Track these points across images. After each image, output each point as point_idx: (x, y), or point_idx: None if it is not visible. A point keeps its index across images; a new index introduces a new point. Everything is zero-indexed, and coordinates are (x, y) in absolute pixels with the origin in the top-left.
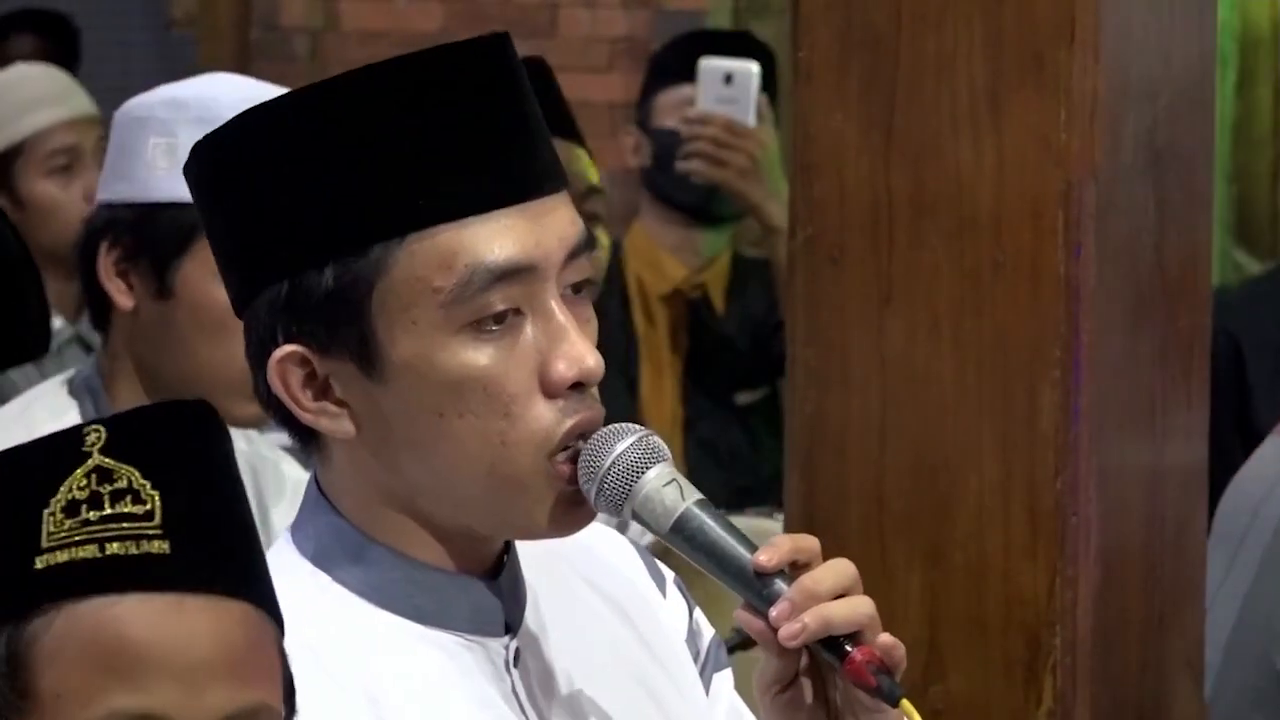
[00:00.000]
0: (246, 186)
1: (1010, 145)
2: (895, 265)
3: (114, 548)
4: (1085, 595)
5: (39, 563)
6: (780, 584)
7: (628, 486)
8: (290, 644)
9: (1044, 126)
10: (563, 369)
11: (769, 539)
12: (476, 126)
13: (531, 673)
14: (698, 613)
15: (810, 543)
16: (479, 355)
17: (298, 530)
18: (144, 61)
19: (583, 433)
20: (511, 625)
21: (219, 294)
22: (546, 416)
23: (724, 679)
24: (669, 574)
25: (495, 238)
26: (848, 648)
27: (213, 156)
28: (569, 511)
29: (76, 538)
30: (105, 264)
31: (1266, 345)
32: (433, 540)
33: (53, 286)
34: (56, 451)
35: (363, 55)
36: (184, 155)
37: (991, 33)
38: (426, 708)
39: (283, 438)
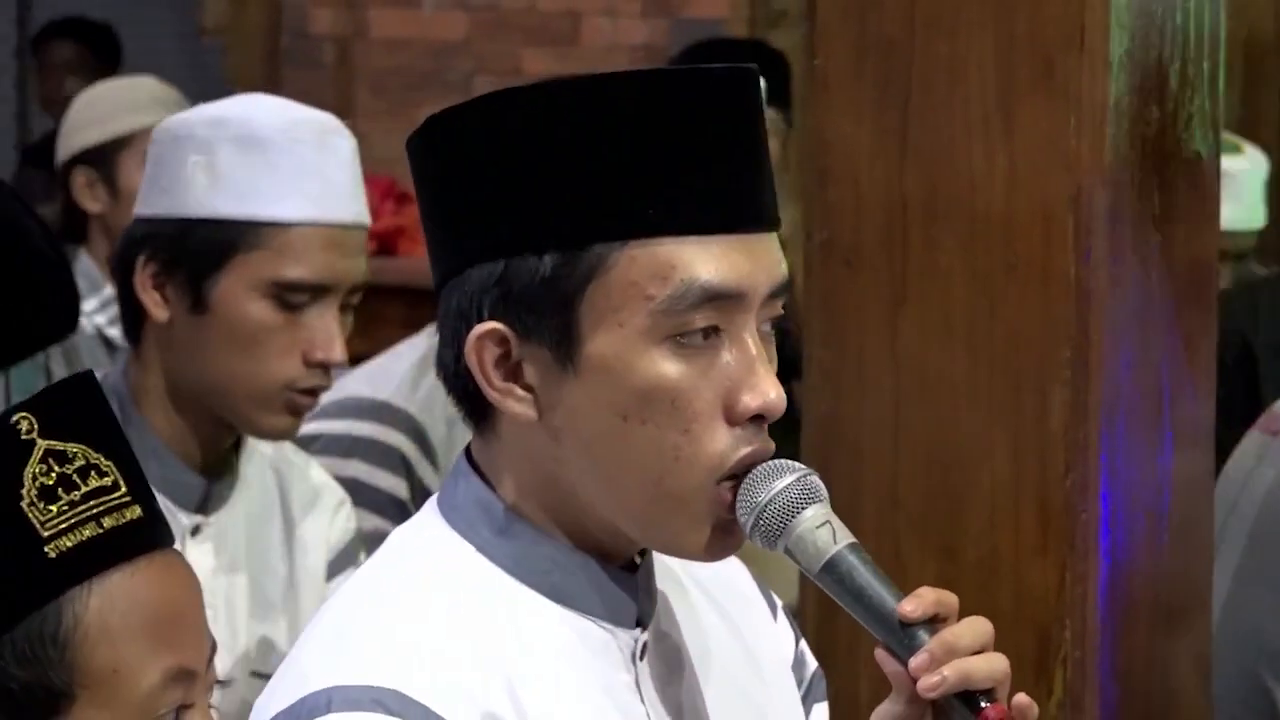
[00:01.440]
0: (482, 162)
1: (1021, 151)
2: (909, 268)
3: (108, 521)
4: (1094, 591)
5: (50, 551)
6: (922, 634)
7: (784, 523)
8: (434, 608)
9: (1055, 132)
10: (748, 400)
11: (915, 591)
12: (716, 152)
13: (654, 668)
14: (803, 644)
15: (951, 599)
16: (674, 368)
17: (443, 501)
18: (176, 68)
19: (751, 464)
20: (642, 620)
21: (253, 310)
22: (723, 441)
23: (822, 710)
24: (778, 601)
25: (712, 260)
26: (982, 703)
27: (453, 126)
28: (720, 539)
29: (74, 520)
30: (142, 276)
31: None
32: (581, 528)
33: None
34: None
35: (389, 62)
36: (222, 173)
37: (1003, 41)
38: (557, 682)
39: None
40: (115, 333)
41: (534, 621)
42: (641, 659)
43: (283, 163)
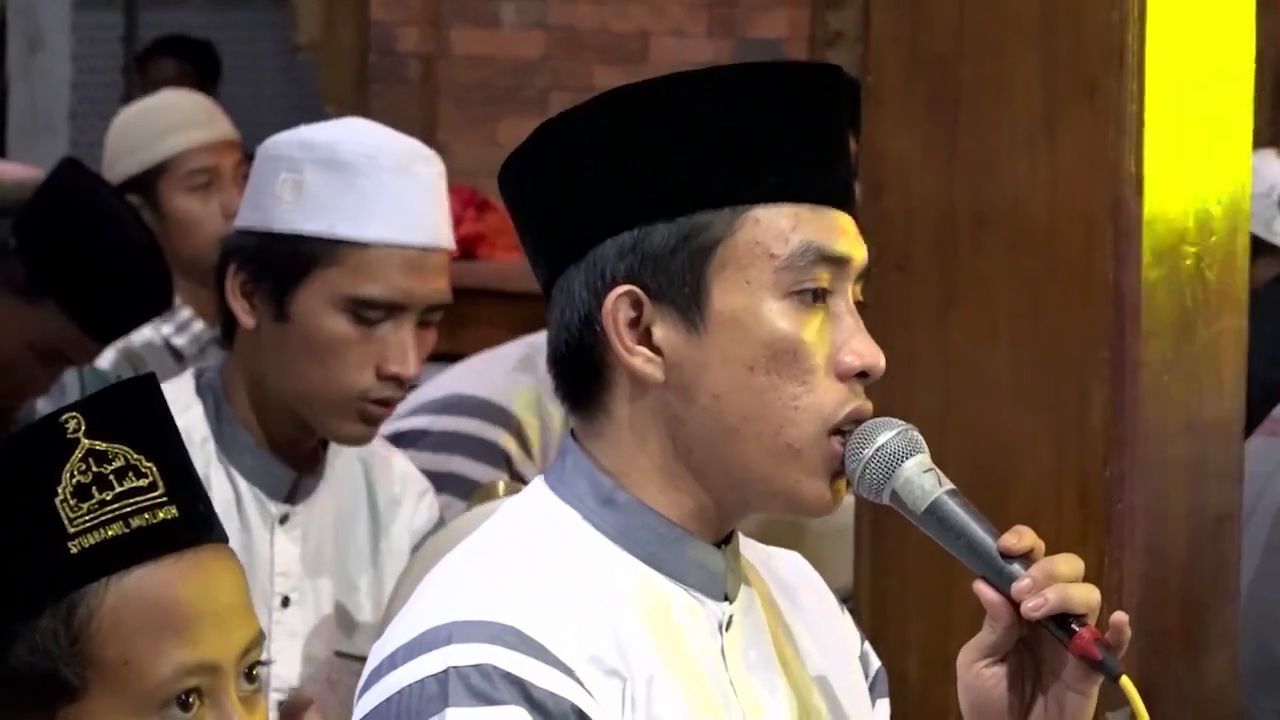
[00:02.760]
0: (613, 146)
1: (1063, 162)
2: (958, 273)
3: (136, 521)
4: (1130, 577)
5: (73, 547)
6: (1019, 566)
7: (890, 471)
8: (545, 561)
9: (1095, 145)
10: (854, 358)
11: (1013, 527)
12: (821, 137)
13: (738, 641)
14: (867, 644)
15: (1041, 542)
16: (795, 323)
17: (551, 476)
18: (273, 83)
19: (856, 419)
20: (730, 594)
21: (330, 323)
22: (834, 394)
23: (884, 705)
24: (844, 604)
25: (824, 226)
26: (1075, 626)
27: (581, 121)
28: (832, 489)
29: (102, 518)
30: (232, 285)
31: None
32: (683, 501)
33: (190, 292)
34: (43, 443)
35: (470, 78)
36: (307, 192)
37: (1047, 60)
38: (652, 640)
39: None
40: (181, 341)
41: (633, 584)
42: (727, 630)
43: (364, 185)
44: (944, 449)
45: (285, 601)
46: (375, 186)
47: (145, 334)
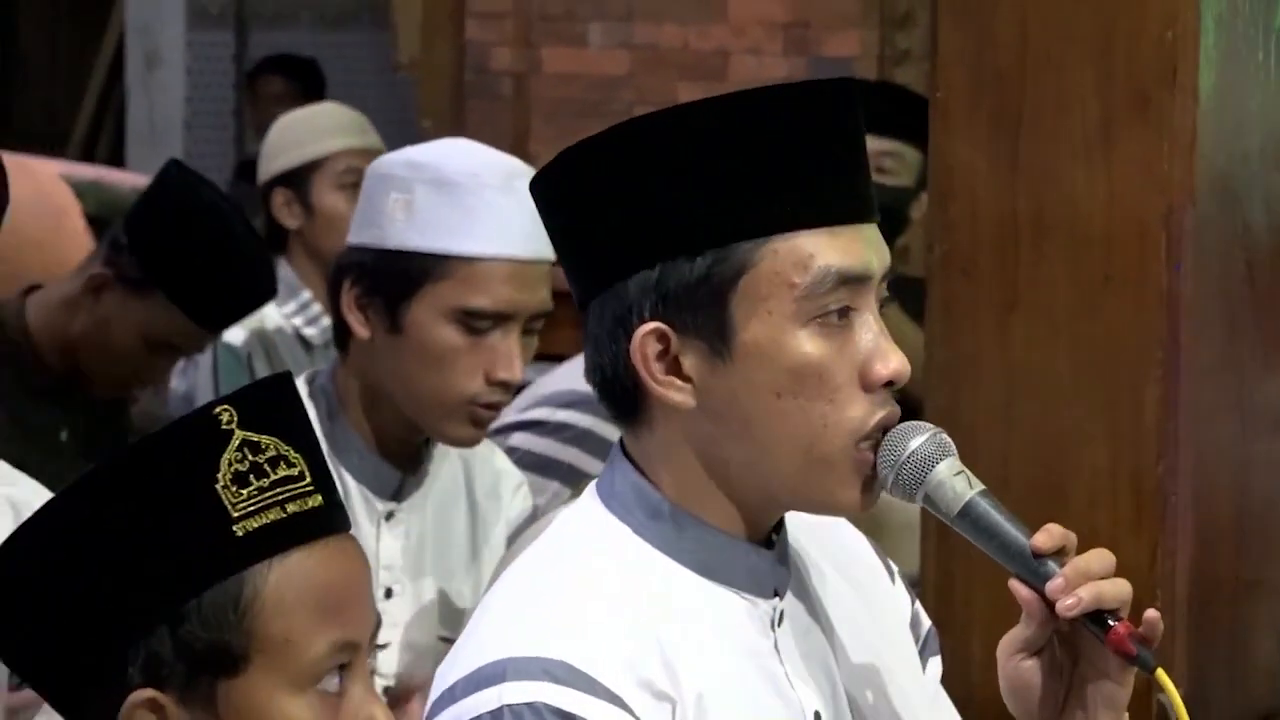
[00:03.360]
0: (631, 181)
1: (1119, 173)
2: (1019, 277)
3: (291, 507)
4: (1182, 565)
5: (238, 530)
6: (1052, 564)
7: (922, 475)
8: (595, 585)
9: (1149, 157)
10: (880, 369)
11: (1044, 526)
12: (835, 154)
13: (790, 632)
14: (918, 604)
15: (1072, 536)
16: (818, 347)
17: (602, 488)
18: (374, 100)
19: (886, 426)
20: (779, 590)
21: (441, 333)
22: (861, 407)
23: (935, 663)
24: (895, 567)
25: (841, 248)
26: (1110, 621)
27: (599, 153)
28: (865, 493)
29: (261, 503)
30: (347, 298)
31: None
32: (727, 509)
33: (323, 285)
34: (200, 433)
35: (559, 95)
36: (417, 210)
37: (1103, 76)
38: (705, 646)
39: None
40: (311, 332)
41: (684, 593)
42: (779, 625)
43: (470, 202)
44: (1006, 444)
45: (389, 593)
46: (480, 203)
47: (278, 321)
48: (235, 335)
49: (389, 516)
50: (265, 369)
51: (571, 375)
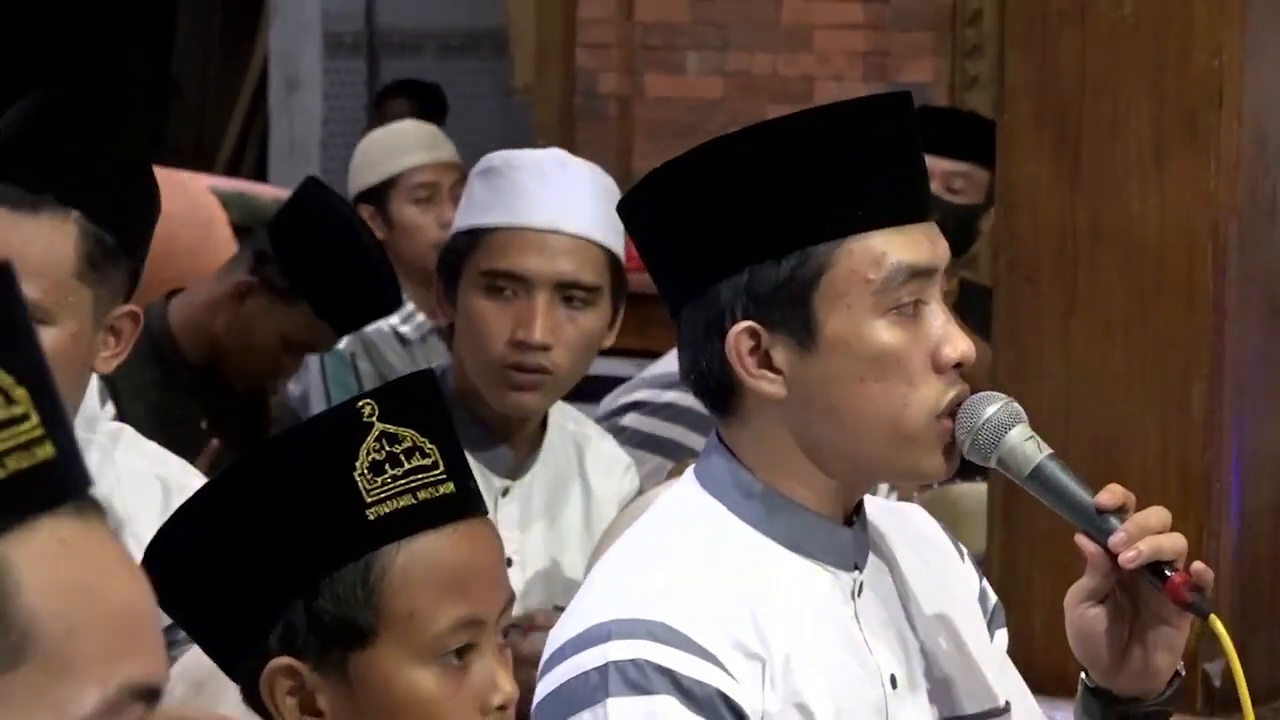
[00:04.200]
0: (719, 195)
1: (1170, 189)
2: (1078, 284)
3: (422, 494)
4: (1227, 548)
5: (370, 514)
6: (1114, 520)
7: (996, 440)
8: (693, 555)
9: (1197, 175)
10: (949, 351)
11: (1106, 486)
12: (898, 160)
13: (869, 602)
14: (985, 581)
15: (1131, 495)
16: (895, 335)
17: (699, 472)
18: (492, 121)
19: (959, 401)
20: (859, 564)
21: (473, 303)
22: (936, 386)
23: (1002, 634)
24: (964, 548)
25: (910, 245)
26: (1167, 572)
27: (687, 172)
28: (947, 459)
29: (393, 491)
30: (437, 293)
31: None
32: (817, 489)
33: (413, 289)
34: (344, 425)
35: (660, 116)
36: (471, 200)
37: (1155, 101)
38: (791, 614)
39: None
40: (406, 329)
41: (773, 565)
42: (859, 596)
43: (500, 184)
44: (1066, 437)
45: (508, 562)
46: (508, 184)
47: (376, 323)
48: (339, 340)
49: (505, 493)
50: (367, 367)
51: (671, 361)
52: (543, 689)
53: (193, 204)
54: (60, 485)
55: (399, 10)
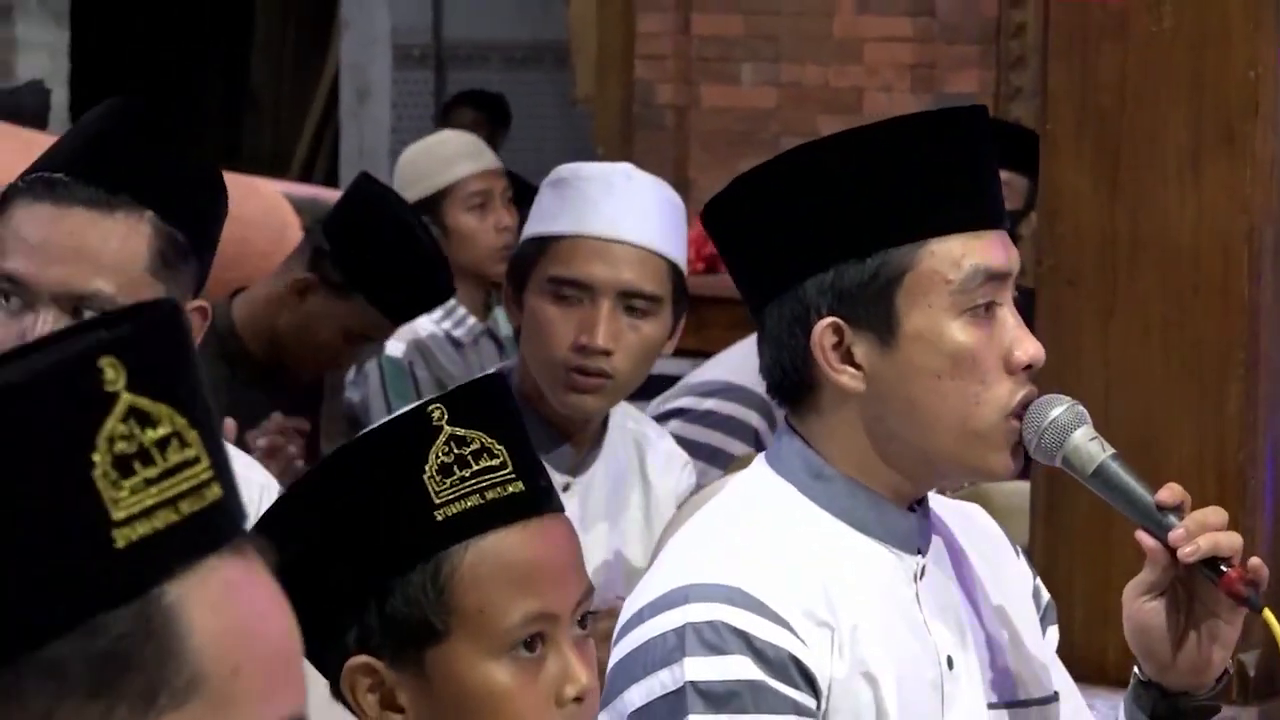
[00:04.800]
0: (807, 198)
1: (1207, 196)
2: (1118, 288)
3: (490, 494)
4: (1261, 540)
5: (438, 515)
6: (1172, 517)
7: (1061, 440)
8: (766, 528)
9: (1233, 182)
10: (1020, 355)
11: (1165, 485)
12: (976, 168)
13: (930, 586)
14: (1038, 579)
15: (1188, 494)
16: (971, 335)
17: (770, 456)
18: (554, 130)
19: (1027, 402)
20: (922, 549)
21: (540, 307)
22: (1006, 387)
23: (1053, 630)
24: (1019, 546)
25: (987, 249)
26: (1224, 567)
27: (775, 177)
28: (1013, 458)
29: (461, 492)
30: (505, 296)
31: None
32: (886, 477)
33: (466, 292)
34: (414, 429)
35: (715, 126)
36: (538, 209)
37: (1193, 111)
38: (858, 589)
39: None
40: (459, 333)
41: (841, 544)
42: (921, 579)
43: (567, 194)
44: (1105, 434)
45: None
46: (575, 194)
47: (430, 328)
48: (395, 348)
49: (565, 489)
50: (424, 372)
51: (715, 368)
52: (620, 650)
53: (267, 209)
54: (226, 525)
55: (465, 24)
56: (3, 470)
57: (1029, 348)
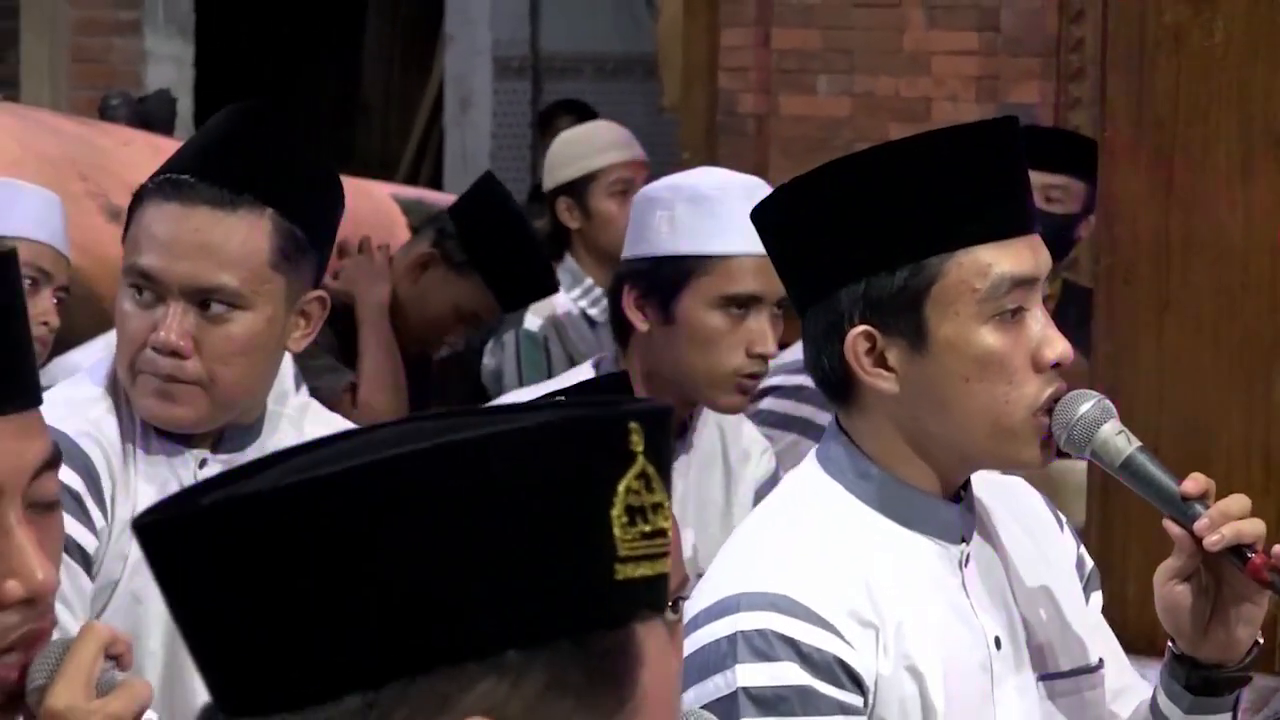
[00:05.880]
0: (839, 210)
1: (1256, 200)
2: (1171, 285)
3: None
4: None
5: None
6: (1198, 507)
7: (1090, 434)
8: (814, 531)
9: None
10: (1048, 353)
11: (1189, 475)
12: (1003, 179)
13: (975, 571)
14: (1082, 548)
15: (1212, 483)
16: (998, 339)
17: (820, 455)
18: (643, 136)
19: (1056, 398)
20: (965, 537)
21: (708, 320)
22: (1035, 385)
23: (1097, 596)
24: (1064, 518)
25: (1013, 257)
26: (1249, 554)
27: (811, 189)
28: (1044, 451)
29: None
30: (627, 300)
31: None
32: (925, 472)
33: (602, 274)
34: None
35: (793, 133)
36: (680, 222)
37: (1243, 120)
38: (902, 584)
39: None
40: (594, 312)
41: (886, 539)
42: (965, 566)
43: (720, 211)
44: (1158, 422)
45: None
46: (727, 211)
47: (567, 305)
48: (533, 322)
49: None
50: (558, 348)
51: (799, 349)
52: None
53: (377, 209)
54: (662, 597)
55: (561, 37)
56: (545, 490)
57: (1056, 346)
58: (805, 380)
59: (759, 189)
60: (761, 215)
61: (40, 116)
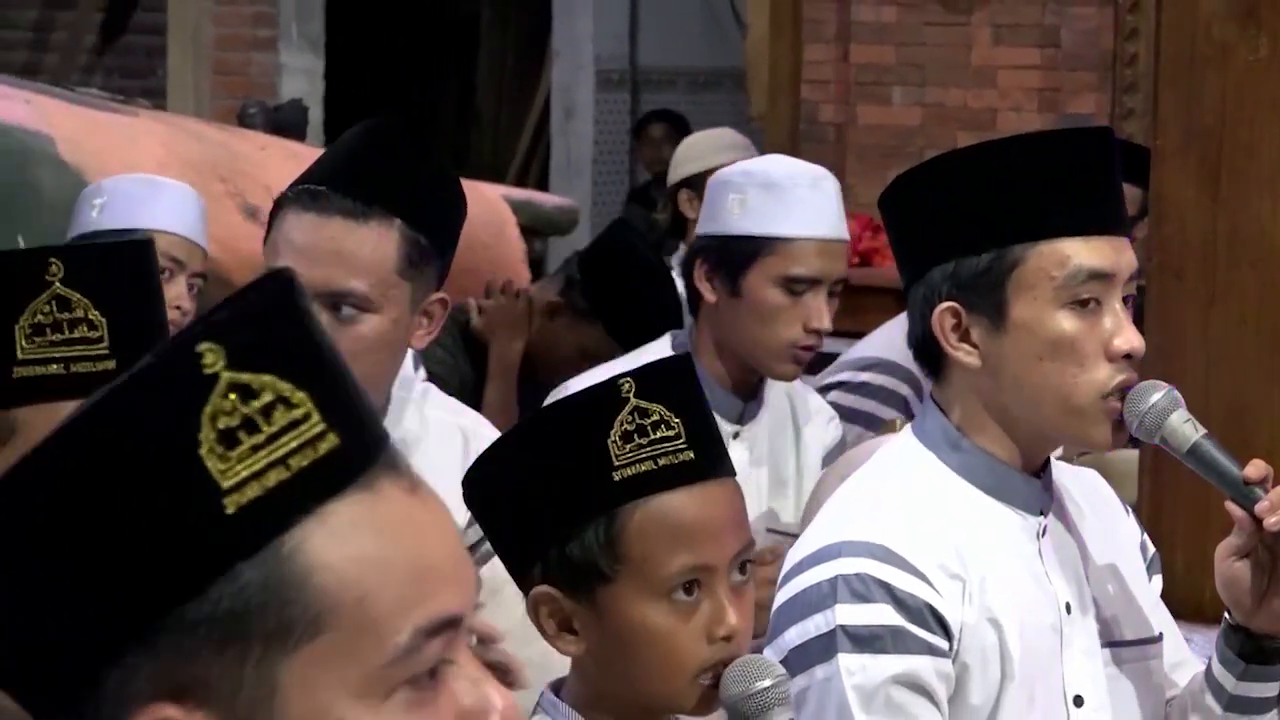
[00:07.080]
0: (938, 200)
1: None
2: (1217, 280)
3: (663, 460)
4: None
5: (616, 476)
6: (1259, 490)
7: (1160, 422)
8: (907, 492)
9: None
10: (1119, 344)
11: (1251, 461)
12: (1093, 181)
13: (1050, 543)
14: (1144, 535)
15: (1270, 470)
16: (1072, 324)
17: (915, 426)
18: None
19: (1126, 387)
20: (1044, 510)
21: (770, 296)
22: (1105, 371)
23: (1158, 579)
24: (1128, 505)
25: (1093, 252)
26: None
27: (918, 181)
28: (1114, 433)
29: (638, 457)
30: (699, 273)
31: None
32: (1005, 444)
33: None
34: (605, 398)
35: (869, 141)
36: (751, 206)
37: None
38: (986, 546)
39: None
40: None
41: (973, 505)
42: (1043, 537)
43: (788, 197)
44: (1206, 408)
45: None
46: (795, 198)
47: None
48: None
49: (735, 436)
50: None
51: (869, 345)
52: (783, 595)
53: (488, 209)
54: (346, 470)
55: (657, 53)
56: (121, 463)
57: (1130, 338)
58: (870, 377)
59: (825, 179)
60: (883, 200)
61: (185, 124)
